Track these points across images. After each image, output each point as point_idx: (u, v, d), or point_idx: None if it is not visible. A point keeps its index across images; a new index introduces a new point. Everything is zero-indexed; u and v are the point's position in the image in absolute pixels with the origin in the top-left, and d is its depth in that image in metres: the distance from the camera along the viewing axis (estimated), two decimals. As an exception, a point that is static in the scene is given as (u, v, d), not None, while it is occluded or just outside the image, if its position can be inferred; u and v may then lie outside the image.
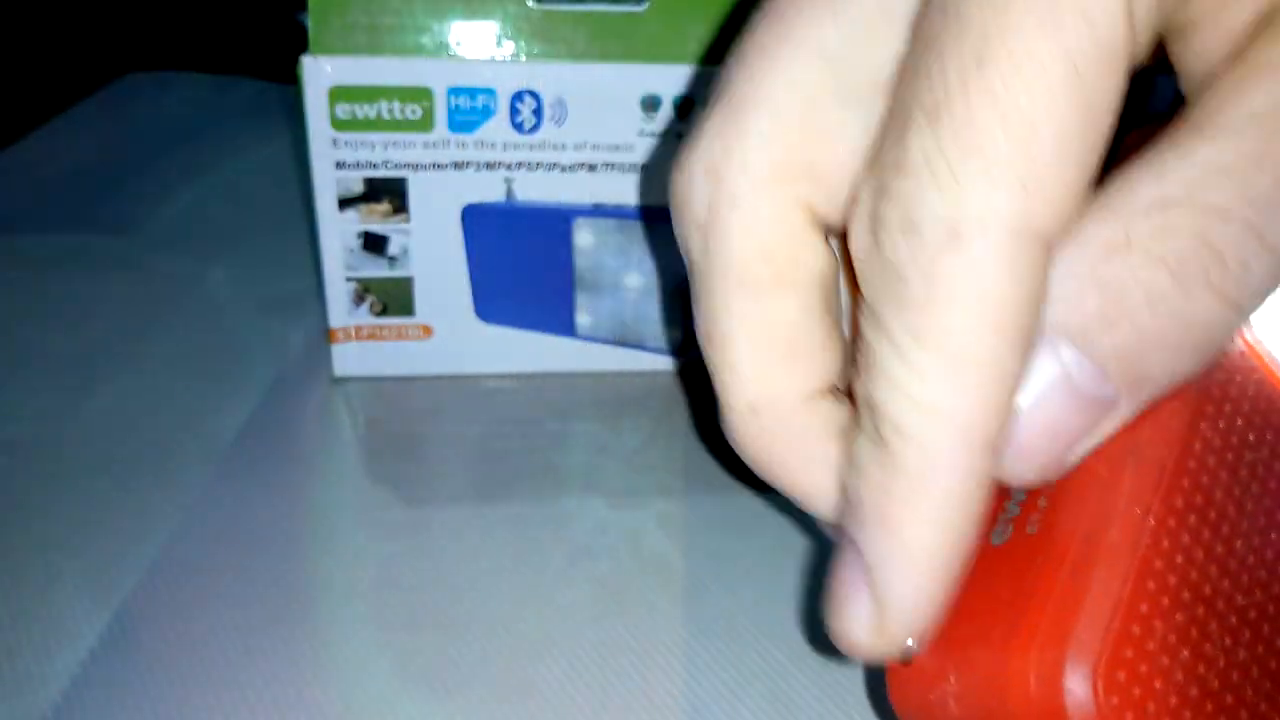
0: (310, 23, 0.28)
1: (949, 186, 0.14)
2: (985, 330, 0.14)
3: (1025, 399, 0.15)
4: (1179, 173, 0.14)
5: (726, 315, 0.17)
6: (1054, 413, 0.15)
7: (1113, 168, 0.27)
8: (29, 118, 0.50)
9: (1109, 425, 0.16)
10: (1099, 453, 0.18)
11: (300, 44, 0.29)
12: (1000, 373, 0.15)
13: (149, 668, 0.23)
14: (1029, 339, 0.15)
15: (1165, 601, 0.16)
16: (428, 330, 0.33)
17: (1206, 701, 0.16)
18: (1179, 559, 0.17)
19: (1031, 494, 0.19)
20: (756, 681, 0.24)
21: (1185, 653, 0.16)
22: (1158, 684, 0.16)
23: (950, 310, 0.14)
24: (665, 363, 0.35)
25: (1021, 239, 0.14)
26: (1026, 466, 0.16)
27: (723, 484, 0.30)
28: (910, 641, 0.17)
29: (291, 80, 0.29)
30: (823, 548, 0.28)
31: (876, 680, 0.24)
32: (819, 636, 0.25)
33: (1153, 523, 0.17)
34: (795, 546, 0.28)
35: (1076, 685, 0.16)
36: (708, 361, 0.18)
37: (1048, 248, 0.14)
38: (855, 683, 0.24)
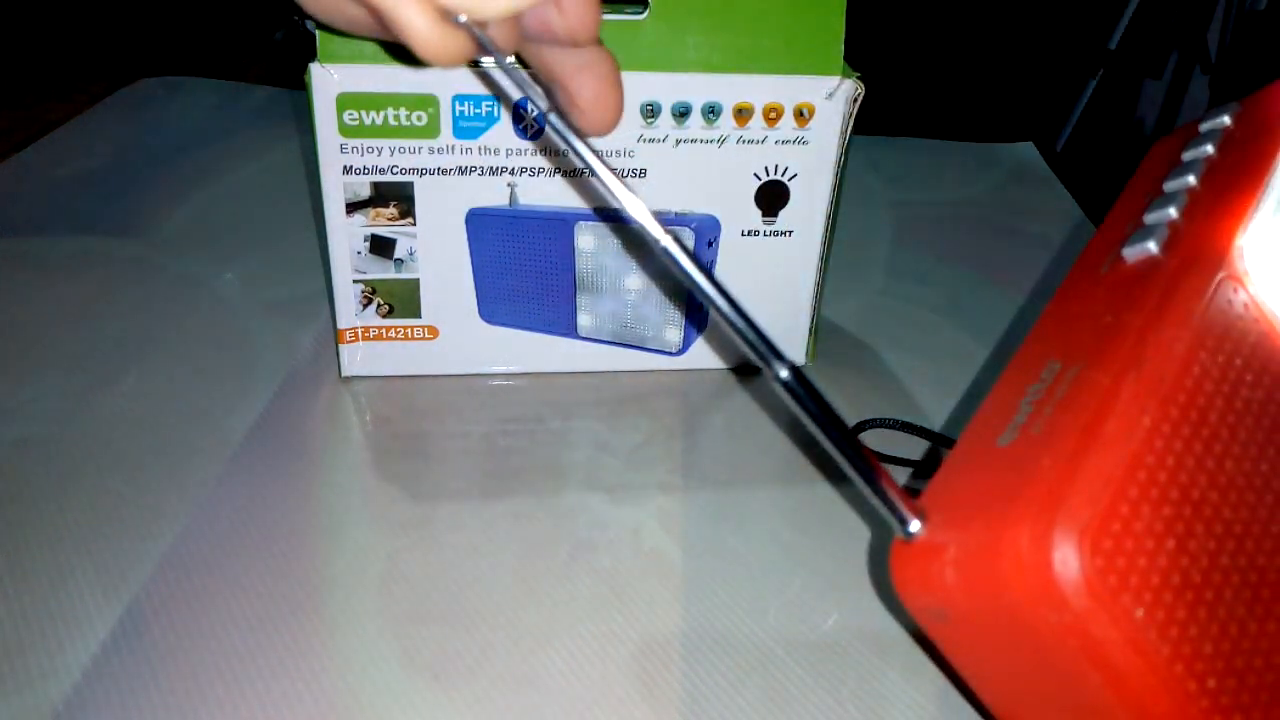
0: (318, 31, 0.28)
1: None
2: None
3: None
4: None
5: None
6: None
7: (1136, 172, 0.28)
8: (42, 122, 0.51)
9: None
10: (1105, 365, 0.19)
11: (309, 52, 0.29)
12: None
13: (160, 661, 0.24)
14: None
15: (1154, 493, 0.17)
16: (434, 331, 0.33)
17: (1187, 590, 0.17)
18: (1170, 460, 0.18)
19: (1039, 406, 0.20)
20: (753, 673, 0.24)
21: (1170, 542, 0.17)
22: (1141, 561, 0.17)
23: None
24: (665, 362, 0.35)
25: None
26: None
27: (720, 480, 0.31)
28: (915, 524, 0.19)
29: (300, 86, 0.29)
30: (820, 544, 0.29)
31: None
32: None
33: (1148, 423, 0.18)
34: (791, 542, 0.29)
35: (1065, 548, 0.16)
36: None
37: None
38: (849, 675, 0.25)
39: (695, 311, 0.34)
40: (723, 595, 0.27)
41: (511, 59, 0.21)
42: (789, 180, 0.32)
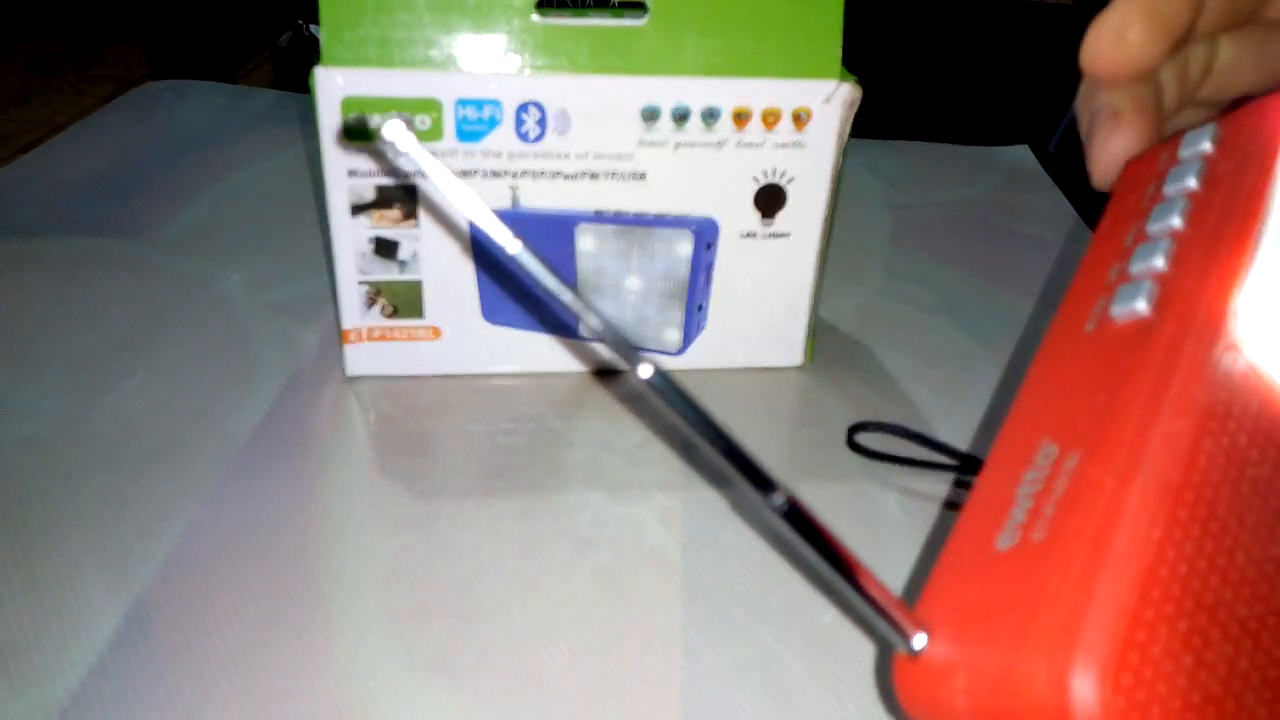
0: (323, 35, 0.29)
1: None
2: None
3: None
4: None
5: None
6: None
7: (1112, 197, 0.28)
8: (49, 124, 0.51)
9: None
10: (1105, 460, 0.19)
11: (313, 56, 0.29)
12: None
13: (165, 659, 0.24)
14: None
15: (1169, 610, 0.17)
16: (437, 332, 0.34)
17: (1209, 707, 0.17)
18: (1183, 569, 0.17)
19: (1038, 503, 0.19)
20: (753, 669, 0.25)
21: (1188, 659, 0.17)
22: (1161, 688, 0.16)
23: None
24: (665, 362, 0.35)
25: None
26: None
27: (720, 478, 0.31)
28: (920, 640, 0.19)
29: (305, 90, 0.29)
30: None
31: (885, 676, 0.25)
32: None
33: (1158, 534, 0.17)
34: (791, 539, 0.29)
35: (1083, 687, 0.16)
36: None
37: None
38: (849, 671, 0.25)
39: (695, 312, 0.34)
40: (722, 592, 0.27)
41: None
42: (787, 183, 0.32)
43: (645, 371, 0.18)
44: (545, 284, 0.19)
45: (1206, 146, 0.24)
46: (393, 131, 0.18)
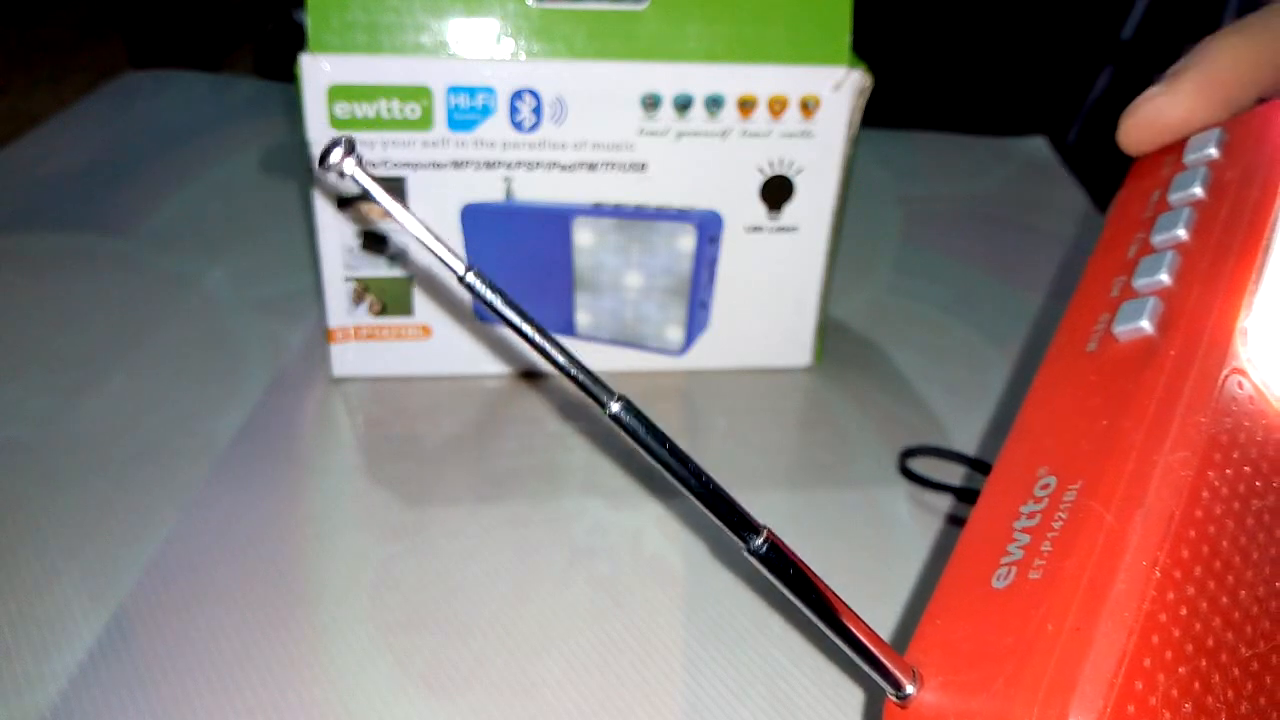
0: (309, 21, 0.28)
1: None
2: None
3: None
4: None
5: None
6: None
7: (1115, 203, 0.27)
8: (24, 114, 0.50)
9: None
10: (1105, 493, 0.18)
11: (299, 43, 0.29)
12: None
13: (147, 668, 0.23)
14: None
15: (1169, 654, 0.16)
16: (427, 330, 0.33)
17: None
18: (1183, 611, 0.17)
19: (1035, 538, 0.19)
20: (757, 683, 0.24)
21: (1187, 705, 0.16)
22: None
23: None
24: (666, 363, 0.34)
25: None
26: None
27: (723, 484, 0.30)
28: (909, 687, 0.18)
29: (290, 79, 0.29)
30: (826, 549, 0.28)
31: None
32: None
33: (1159, 575, 0.17)
34: (795, 546, 0.28)
35: None
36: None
37: None
38: (856, 685, 0.24)
39: (698, 310, 0.33)
40: (726, 603, 0.26)
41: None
42: (794, 175, 0.31)
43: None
44: (501, 313, 0.18)
45: (1213, 152, 0.24)
46: (337, 160, 0.17)
